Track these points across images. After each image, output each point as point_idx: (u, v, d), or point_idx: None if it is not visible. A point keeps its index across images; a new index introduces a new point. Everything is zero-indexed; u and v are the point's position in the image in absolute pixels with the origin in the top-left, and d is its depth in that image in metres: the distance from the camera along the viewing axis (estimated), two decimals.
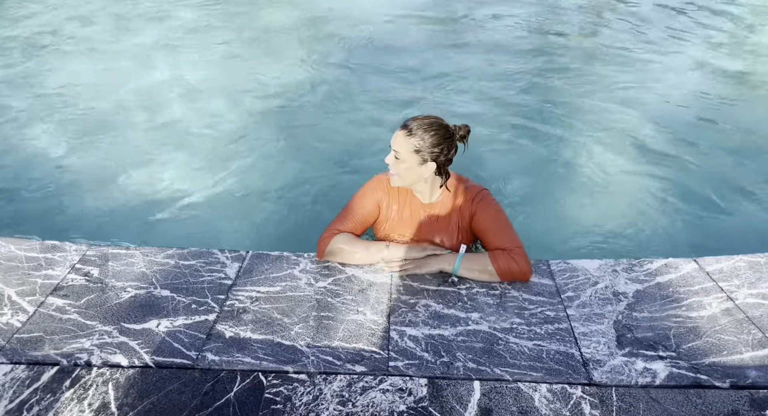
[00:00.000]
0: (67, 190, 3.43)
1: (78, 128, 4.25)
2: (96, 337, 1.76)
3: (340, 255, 2.13)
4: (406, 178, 2.01)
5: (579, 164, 3.88)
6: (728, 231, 3.28)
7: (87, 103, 4.67)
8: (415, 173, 1.99)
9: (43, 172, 3.65)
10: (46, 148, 3.97)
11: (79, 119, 4.40)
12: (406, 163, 1.95)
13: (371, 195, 2.18)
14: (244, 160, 3.85)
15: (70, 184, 3.50)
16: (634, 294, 1.98)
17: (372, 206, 2.17)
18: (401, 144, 1.93)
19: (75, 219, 3.14)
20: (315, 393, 1.55)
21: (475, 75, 5.54)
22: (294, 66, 5.66)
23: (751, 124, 4.49)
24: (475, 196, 2.09)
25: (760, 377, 1.60)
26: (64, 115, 4.46)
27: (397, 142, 1.94)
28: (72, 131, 4.20)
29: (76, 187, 3.46)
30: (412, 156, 1.94)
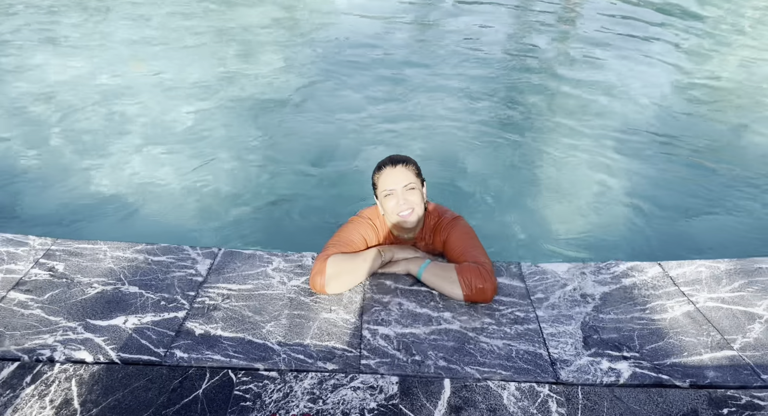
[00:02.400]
0: (32, 182, 3.33)
1: (44, 121, 4.14)
2: (60, 333, 1.71)
3: (342, 277, 1.95)
4: (420, 205, 2.04)
5: (549, 170, 3.96)
6: (691, 235, 3.40)
7: (54, 97, 4.55)
8: (423, 198, 2.08)
9: (6, 165, 3.53)
10: (9, 140, 3.84)
11: (46, 112, 4.28)
12: (417, 189, 2.02)
13: (359, 230, 2.12)
14: (217, 156, 3.80)
15: (35, 177, 3.40)
16: (601, 296, 2.03)
17: (360, 239, 2.10)
18: (408, 174, 2.01)
19: (40, 213, 3.05)
20: (285, 391, 1.54)
21: (449, 77, 5.61)
22: (267, 64, 5.63)
23: (715, 132, 4.67)
24: (447, 224, 2.14)
25: (718, 377, 1.66)
26: (29, 108, 4.33)
27: (402, 176, 2.00)
28: (37, 124, 4.09)
29: (42, 180, 3.36)
30: (418, 180, 2.04)
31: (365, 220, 2.15)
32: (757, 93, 5.58)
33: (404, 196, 1.98)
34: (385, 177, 2.00)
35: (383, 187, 2.01)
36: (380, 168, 2.03)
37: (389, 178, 1.99)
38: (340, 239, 2.06)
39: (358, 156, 4.02)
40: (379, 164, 2.05)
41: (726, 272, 2.19)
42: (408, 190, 1.99)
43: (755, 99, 5.44)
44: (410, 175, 2.01)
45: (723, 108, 5.27)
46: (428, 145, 4.25)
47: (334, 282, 1.94)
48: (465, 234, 2.10)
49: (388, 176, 2.00)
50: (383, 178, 2.01)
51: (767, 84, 5.78)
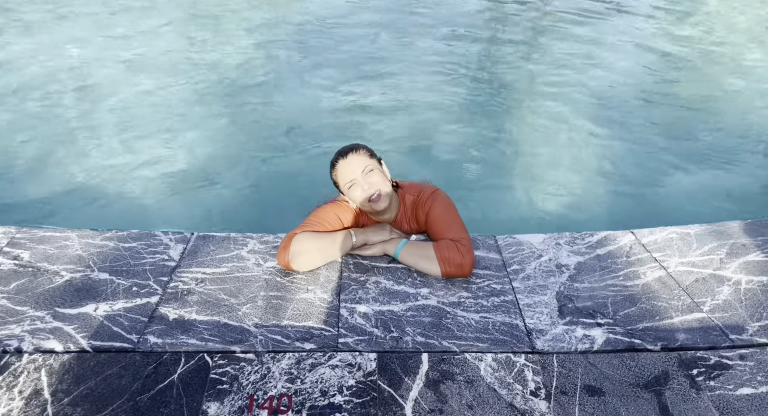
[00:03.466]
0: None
1: (5, 106, 3.97)
2: (27, 323, 1.66)
3: (306, 255, 1.93)
4: (385, 183, 2.01)
5: (524, 143, 3.98)
6: (664, 202, 3.46)
7: (16, 81, 4.36)
8: (387, 177, 2.05)
9: None
10: None
11: (7, 97, 4.10)
12: (376, 170, 1.99)
13: (337, 211, 2.09)
14: (187, 139, 3.71)
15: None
16: (576, 265, 2.05)
17: (336, 220, 2.07)
18: (361, 159, 1.98)
19: (2, 201, 2.94)
20: (263, 372, 1.53)
21: (424, 54, 5.54)
22: (236, 44, 5.48)
23: (684, 102, 4.72)
24: (427, 198, 2.12)
25: (689, 339, 1.70)
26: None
27: (358, 162, 1.97)
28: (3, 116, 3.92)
29: (3, 168, 3.24)
30: (373, 161, 2.01)
31: (346, 204, 2.12)
32: (727, 61, 5.66)
33: (366, 181, 1.96)
34: (342, 170, 1.97)
35: (343, 179, 1.98)
36: (333, 165, 2.01)
37: (346, 170, 1.96)
38: (314, 217, 2.04)
39: (332, 135, 3.97)
40: (332, 162, 2.02)
41: (696, 237, 2.23)
42: (367, 173, 1.96)
43: (725, 67, 5.51)
44: (364, 159, 1.98)
45: (693, 77, 5.33)
46: (403, 122, 4.22)
47: (298, 259, 1.93)
48: (445, 209, 2.08)
49: (344, 168, 1.97)
50: (340, 171, 1.98)
51: (737, 52, 5.86)
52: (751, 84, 5.14)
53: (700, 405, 1.48)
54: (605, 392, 1.51)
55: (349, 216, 2.11)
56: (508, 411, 1.45)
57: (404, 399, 1.46)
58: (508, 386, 1.52)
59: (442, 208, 2.08)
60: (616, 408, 1.46)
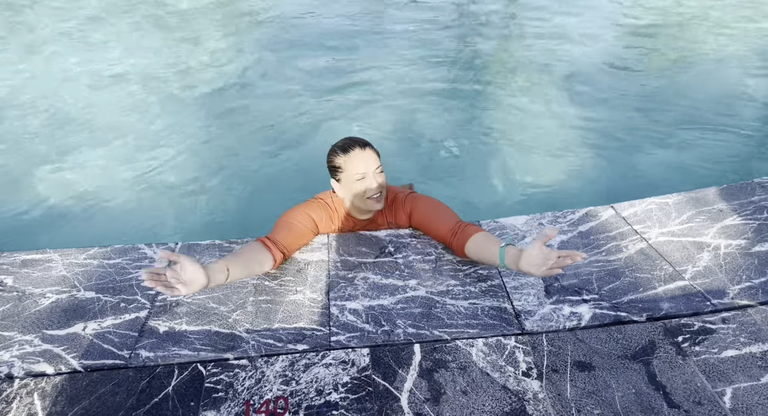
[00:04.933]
0: None
1: None
2: (16, 348, 1.65)
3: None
4: (385, 188, 2.03)
5: (502, 127, 4.00)
6: (644, 174, 3.51)
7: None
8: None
9: None
10: None
11: None
12: (384, 172, 2.01)
13: (308, 210, 2.07)
14: (164, 149, 3.68)
15: None
16: (559, 244, 2.08)
17: (307, 219, 2.04)
18: (376, 157, 1.99)
19: None
20: (257, 377, 1.54)
21: (401, 42, 5.52)
22: (208, 49, 5.42)
23: (657, 72, 4.77)
24: (405, 198, 2.14)
25: (672, 307, 1.74)
26: None
27: (372, 158, 1.97)
28: None
29: None
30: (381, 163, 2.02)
31: (318, 201, 2.11)
32: (697, 29, 5.71)
33: (377, 179, 1.96)
34: (356, 160, 1.93)
35: (355, 170, 1.94)
36: (346, 150, 1.95)
37: (361, 162, 1.94)
38: (285, 219, 2.01)
39: (311, 135, 3.96)
40: (343, 146, 1.97)
41: (674, 206, 2.27)
42: (379, 172, 1.98)
43: (695, 35, 5.57)
44: (377, 158, 2.00)
45: (664, 47, 5.38)
46: (382, 114, 4.22)
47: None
48: (431, 203, 2.09)
49: (359, 159, 1.93)
50: (353, 160, 1.94)
51: (709, 20, 5.92)
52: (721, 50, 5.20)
53: (687, 370, 1.52)
54: (595, 366, 1.54)
55: (324, 214, 2.11)
56: (502, 394, 1.47)
57: (399, 391, 1.48)
58: (500, 369, 1.55)
59: (428, 203, 2.10)
60: (606, 381, 1.50)
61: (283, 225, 2.00)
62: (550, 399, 1.45)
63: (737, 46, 5.20)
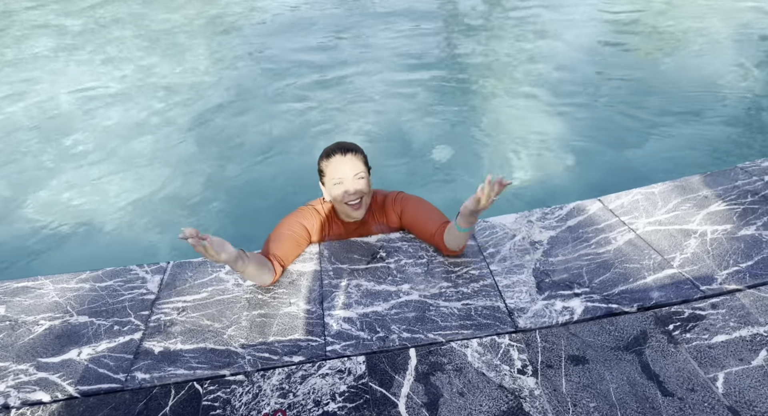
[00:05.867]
0: None
1: None
2: (11, 378, 1.64)
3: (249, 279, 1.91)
4: (368, 193, 2.06)
5: (489, 126, 4.02)
6: (630, 165, 3.54)
7: None
8: (370, 185, 2.07)
9: None
10: None
11: None
12: (365, 179, 2.02)
13: (300, 219, 2.11)
14: (151, 166, 3.68)
15: None
16: (549, 240, 2.10)
17: (300, 228, 2.08)
18: (355, 163, 1.99)
19: None
20: (254, 392, 1.54)
21: (382, 47, 5.55)
22: (194, 62, 5.42)
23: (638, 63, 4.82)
24: (395, 199, 2.18)
25: (662, 296, 1.76)
26: None
27: (351, 165, 1.98)
28: None
29: None
30: (365, 169, 2.04)
31: (308, 208, 2.14)
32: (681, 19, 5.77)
33: (354, 186, 1.99)
34: (335, 165, 1.99)
35: (333, 174, 1.99)
36: (329, 155, 2.01)
37: (339, 167, 1.98)
38: (279, 230, 2.05)
39: (302, 144, 3.97)
40: (328, 151, 2.03)
41: (660, 195, 2.29)
42: (357, 179, 2.00)
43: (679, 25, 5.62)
44: (359, 164, 2.01)
45: (645, 37, 5.43)
46: (369, 119, 4.23)
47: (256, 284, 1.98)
48: (420, 203, 2.14)
49: (338, 164, 1.98)
50: (333, 165, 1.99)
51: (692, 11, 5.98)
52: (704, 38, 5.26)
53: (679, 358, 1.53)
54: (588, 359, 1.55)
55: (316, 221, 2.14)
56: (498, 393, 1.48)
57: (396, 397, 1.49)
58: (495, 368, 1.56)
59: (417, 203, 2.14)
60: (600, 373, 1.51)
61: (276, 237, 2.02)
62: (546, 395, 1.46)
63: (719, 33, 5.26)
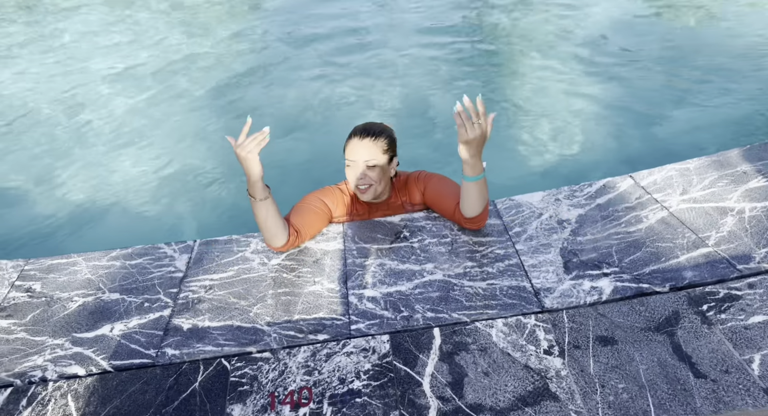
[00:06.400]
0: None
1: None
2: (48, 352, 1.70)
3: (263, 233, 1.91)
4: (381, 182, 2.02)
5: (516, 100, 3.91)
6: (665, 139, 3.41)
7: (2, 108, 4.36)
8: (387, 175, 2.04)
9: None
10: None
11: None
12: (379, 167, 1.98)
13: (320, 196, 2.11)
14: (177, 147, 3.71)
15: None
16: (577, 219, 2.04)
17: (320, 204, 2.08)
18: (371, 150, 1.95)
19: (6, 236, 2.98)
20: (280, 369, 1.56)
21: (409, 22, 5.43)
22: (217, 39, 5.41)
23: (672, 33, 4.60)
24: (418, 177, 2.15)
25: (696, 276, 1.70)
26: None
27: (365, 150, 1.94)
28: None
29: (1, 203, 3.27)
30: (384, 157, 1.99)
31: (332, 187, 2.15)
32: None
33: (363, 172, 1.97)
34: (351, 147, 1.98)
35: (347, 155, 1.99)
36: (350, 135, 2.00)
37: (353, 149, 1.97)
38: (299, 203, 2.08)
39: (327, 122, 3.94)
40: (352, 131, 2.01)
41: (696, 171, 2.20)
42: (368, 166, 1.97)
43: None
44: (375, 152, 1.97)
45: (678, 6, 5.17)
46: (394, 93, 4.17)
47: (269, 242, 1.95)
48: (443, 180, 2.12)
49: (353, 147, 1.97)
50: (349, 147, 1.99)
51: None
52: (742, 3, 4.98)
53: (713, 339, 1.48)
54: (618, 340, 1.52)
55: (338, 199, 2.14)
56: (524, 373, 1.47)
57: (421, 376, 1.49)
58: (521, 348, 1.54)
59: (441, 180, 2.12)
60: (630, 355, 1.48)
61: (296, 209, 2.06)
62: (573, 376, 1.44)
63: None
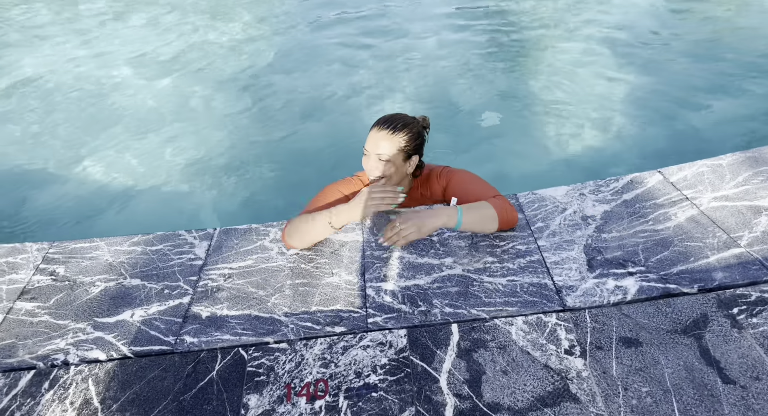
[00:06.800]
0: (18, 189, 3.31)
1: (20, 123, 4.05)
2: (70, 336, 1.73)
3: (296, 235, 1.93)
4: (393, 178, 1.98)
5: (541, 92, 3.82)
6: (696, 133, 3.30)
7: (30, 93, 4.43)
8: (401, 171, 1.99)
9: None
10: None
11: (22, 113, 4.19)
12: (391, 163, 1.93)
13: (340, 187, 2.08)
14: (199, 133, 3.73)
15: (20, 183, 3.37)
16: (602, 215, 1.99)
17: (340, 196, 2.06)
18: (385, 144, 1.91)
19: (32, 219, 3.04)
20: (297, 360, 1.56)
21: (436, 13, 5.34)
22: (239, 26, 5.40)
23: (705, 24, 4.43)
24: (440, 173, 2.09)
25: (726, 277, 1.64)
26: (5, 111, 4.24)
27: (380, 143, 1.91)
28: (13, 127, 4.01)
29: (27, 186, 3.33)
30: (398, 155, 1.93)
31: (352, 178, 2.11)
32: None
33: (375, 163, 1.94)
34: (369, 135, 1.95)
35: (365, 143, 1.96)
36: (374, 123, 1.97)
37: (370, 138, 1.94)
38: (318, 197, 2.05)
39: (347, 109, 3.91)
40: (379, 118, 1.99)
41: (729, 168, 2.12)
42: (382, 158, 1.93)
43: None
44: (389, 146, 1.91)
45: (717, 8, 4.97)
46: (418, 84, 4.11)
47: (290, 240, 1.96)
48: (467, 175, 2.06)
49: (370, 136, 1.94)
50: (369, 135, 1.96)
51: None
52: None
53: (743, 344, 1.43)
54: (642, 342, 1.48)
55: (355, 189, 2.11)
56: (544, 373, 1.44)
57: (438, 372, 1.47)
58: (541, 347, 1.51)
59: (464, 175, 2.06)
60: (655, 357, 1.43)
61: (315, 203, 2.04)
62: (595, 378, 1.41)
63: None
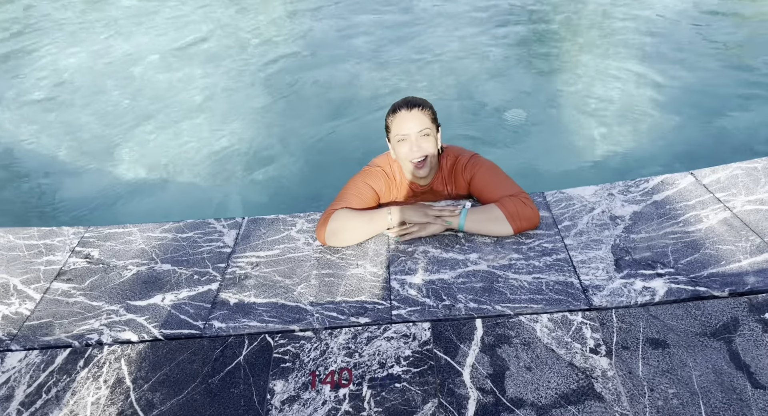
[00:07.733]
0: (55, 175, 3.42)
1: (58, 112, 4.18)
2: (104, 317, 1.79)
3: (341, 234, 1.94)
4: (434, 152, 1.99)
5: (570, 90, 3.77)
6: (728, 136, 3.22)
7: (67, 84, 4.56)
8: (438, 143, 2.02)
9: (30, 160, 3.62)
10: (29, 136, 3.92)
11: (60, 102, 4.32)
12: (431, 136, 1.96)
13: (368, 181, 2.08)
14: (229, 125, 3.78)
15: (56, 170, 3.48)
16: (631, 216, 1.96)
17: (369, 191, 2.06)
18: (423, 119, 1.93)
19: (68, 203, 3.14)
20: (322, 348, 1.59)
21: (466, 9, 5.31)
22: (268, 19, 5.45)
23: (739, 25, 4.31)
24: (467, 162, 2.08)
25: (759, 282, 1.61)
26: (44, 100, 4.37)
27: (417, 121, 1.92)
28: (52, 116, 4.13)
29: (63, 173, 3.44)
30: (433, 126, 1.97)
31: (376, 170, 2.11)
32: None
33: (418, 143, 1.93)
34: (400, 121, 1.93)
35: (396, 131, 1.94)
36: (395, 110, 1.95)
37: (403, 123, 1.92)
38: (348, 191, 2.04)
39: (375, 101, 3.92)
40: (394, 106, 1.97)
41: (764, 171, 2.07)
42: (422, 136, 1.93)
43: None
44: (425, 120, 1.93)
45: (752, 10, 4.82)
46: (445, 79, 4.10)
47: (333, 238, 1.95)
48: (491, 170, 2.04)
49: (402, 120, 1.93)
50: (397, 121, 1.94)
51: None
52: None
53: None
54: (670, 344, 1.46)
55: (383, 183, 2.10)
56: (568, 371, 1.44)
57: (461, 366, 1.48)
58: (566, 345, 1.51)
59: (488, 170, 2.04)
60: (683, 359, 1.42)
61: (347, 197, 2.03)
62: (620, 377, 1.40)
63: None
